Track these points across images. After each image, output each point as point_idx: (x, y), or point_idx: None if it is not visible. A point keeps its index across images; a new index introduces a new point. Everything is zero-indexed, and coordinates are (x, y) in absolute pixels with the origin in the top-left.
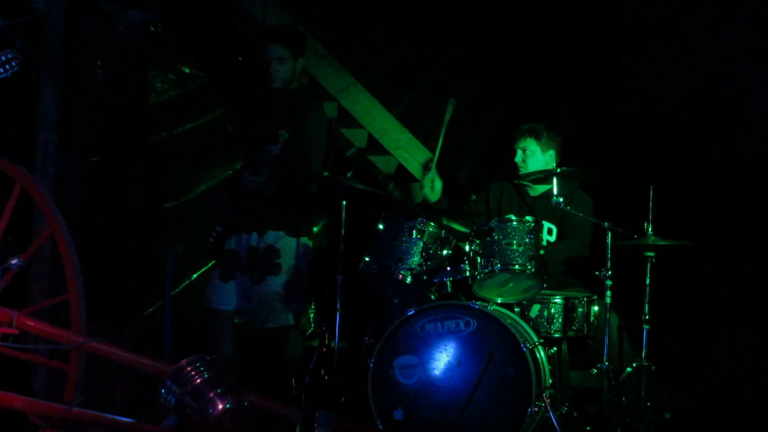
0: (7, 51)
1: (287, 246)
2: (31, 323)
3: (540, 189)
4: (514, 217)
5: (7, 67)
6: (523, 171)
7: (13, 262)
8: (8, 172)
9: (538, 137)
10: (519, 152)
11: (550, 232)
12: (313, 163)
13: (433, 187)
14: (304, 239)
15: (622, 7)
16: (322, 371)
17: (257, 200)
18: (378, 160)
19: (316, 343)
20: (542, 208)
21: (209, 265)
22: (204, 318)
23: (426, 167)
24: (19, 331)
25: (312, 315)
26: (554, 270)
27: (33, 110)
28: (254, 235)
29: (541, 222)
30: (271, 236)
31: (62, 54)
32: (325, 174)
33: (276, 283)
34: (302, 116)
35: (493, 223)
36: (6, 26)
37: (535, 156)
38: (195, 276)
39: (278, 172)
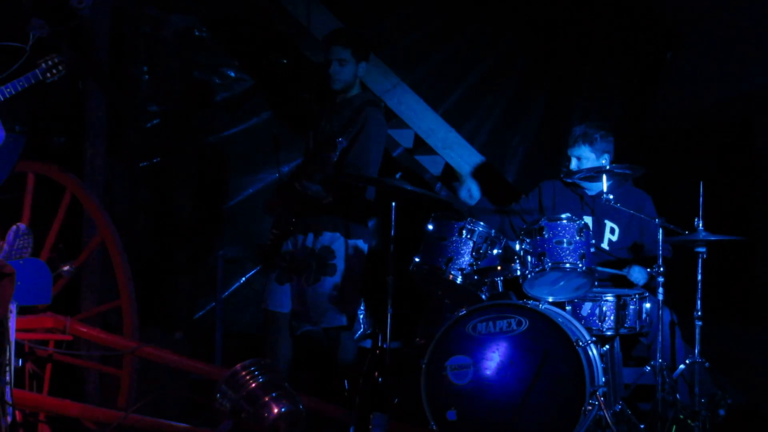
0: (53, 55)
1: (343, 247)
2: (85, 329)
3: (596, 187)
4: (563, 216)
5: (54, 71)
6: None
7: (65, 268)
8: (58, 180)
9: (591, 143)
10: (573, 160)
11: (612, 231)
12: (371, 168)
13: (471, 195)
14: (360, 241)
15: (668, 1)
16: (376, 373)
17: (315, 205)
18: (425, 160)
19: (367, 344)
20: (602, 206)
21: (258, 267)
22: (262, 320)
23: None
24: (73, 338)
25: (362, 316)
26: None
27: (80, 117)
28: (310, 236)
29: (603, 221)
30: (326, 237)
31: (108, 60)
32: (374, 176)
33: (330, 283)
34: (362, 122)
35: (543, 222)
36: (52, 33)
37: (590, 162)
38: (245, 279)
39: (334, 180)
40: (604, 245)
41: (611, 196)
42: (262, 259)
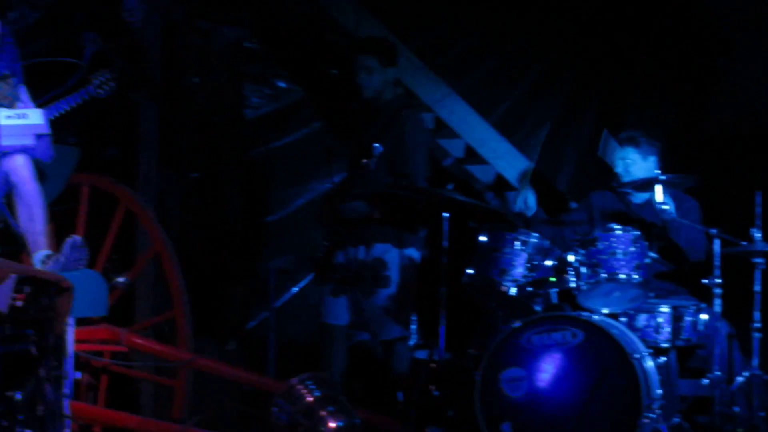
0: (105, 71)
1: (395, 258)
2: (140, 341)
3: (643, 196)
4: (618, 226)
5: (106, 87)
6: (625, 180)
7: (120, 280)
8: (112, 192)
9: (636, 145)
10: (620, 163)
11: (661, 238)
12: (418, 175)
13: (527, 205)
14: (412, 250)
15: (719, 7)
16: (431, 386)
17: (355, 222)
18: (476, 170)
19: (418, 354)
20: (650, 214)
21: (310, 277)
22: (314, 330)
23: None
24: (128, 349)
25: (414, 327)
26: (661, 278)
27: (132, 129)
28: (361, 248)
29: (652, 230)
30: (378, 249)
31: (160, 73)
32: (425, 186)
33: (386, 295)
34: (400, 127)
35: (597, 233)
36: (105, 47)
37: (637, 164)
38: (296, 289)
39: (381, 191)
40: (653, 253)
41: (666, 207)
42: (315, 271)
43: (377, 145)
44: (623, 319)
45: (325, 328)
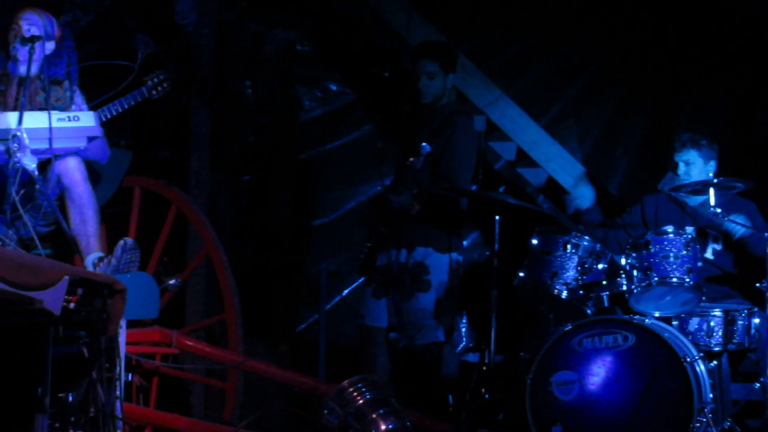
0: (158, 72)
1: (436, 262)
2: (191, 343)
3: (698, 199)
4: (670, 229)
5: (159, 89)
6: (684, 182)
7: (171, 282)
8: (164, 195)
9: (699, 148)
10: (681, 165)
11: (716, 239)
12: (462, 177)
13: (584, 198)
14: (454, 254)
15: None
16: (483, 389)
17: (405, 217)
18: (527, 173)
19: (469, 357)
20: (704, 216)
21: (360, 280)
22: (359, 335)
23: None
24: (179, 351)
25: (464, 329)
26: (713, 282)
27: (184, 132)
28: (403, 251)
29: (706, 231)
30: (419, 252)
31: (212, 75)
32: (475, 188)
33: (425, 299)
34: (450, 131)
35: (650, 236)
36: (158, 50)
37: (698, 167)
38: (347, 292)
39: (423, 189)
40: (708, 255)
41: (719, 210)
42: (359, 272)
43: (425, 144)
44: (675, 323)
45: (365, 330)
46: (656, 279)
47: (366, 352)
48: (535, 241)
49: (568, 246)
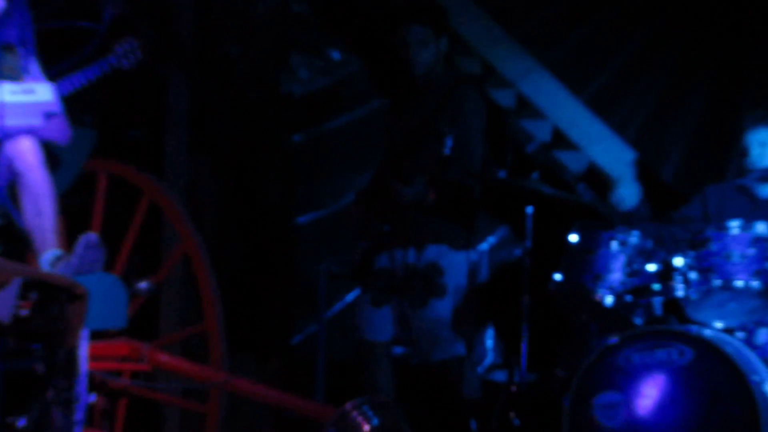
0: (130, 38)
1: (453, 262)
2: (165, 358)
3: None
4: (735, 224)
5: (131, 57)
6: (757, 166)
7: (142, 285)
8: (134, 182)
9: None
10: (753, 146)
11: None
12: (476, 159)
13: (626, 198)
14: (471, 252)
15: None
16: (511, 414)
17: (415, 210)
18: (565, 157)
19: (496, 376)
20: None
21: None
22: (356, 351)
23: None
24: (151, 368)
25: (490, 342)
26: None
27: (159, 108)
28: (411, 250)
29: None
30: (432, 251)
31: (192, 40)
32: (503, 175)
33: (441, 307)
34: (457, 106)
35: (710, 232)
36: (129, 10)
37: None
38: (351, 297)
39: (440, 177)
40: None
41: None
42: (352, 277)
43: (449, 129)
44: (740, 335)
45: (363, 345)
46: (718, 283)
47: (365, 371)
48: (574, 238)
49: (614, 243)
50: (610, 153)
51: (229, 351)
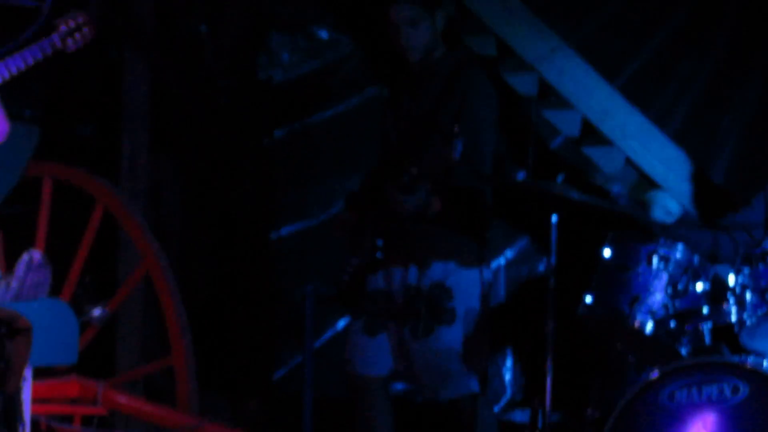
0: (75, 14)
1: (463, 282)
2: (123, 400)
3: None
4: None
5: (77, 36)
6: None
7: (95, 312)
8: (87, 189)
9: None
10: None
11: None
12: (487, 157)
13: (669, 211)
14: (484, 268)
15: None
16: None
17: (413, 219)
18: (596, 154)
19: (516, 416)
20: None
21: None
22: (348, 387)
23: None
24: (108, 411)
25: (508, 376)
26: None
27: (114, 99)
28: (412, 269)
29: None
30: (437, 269)
31: (152, 18)
32: (523, 176)
33: (450, 335)
34: (461, 93)
35: None
36: None
37: None
38: (343, 323)
39: (445, 182)
40: None
41: None
42: (340, 301)
43: (458, 127)
44: None
45: (356, 380)
46: None
47: (358, 411)
48: (607, 252)
49: (655, 258)
50: (650, 149)
51: (200, 390)
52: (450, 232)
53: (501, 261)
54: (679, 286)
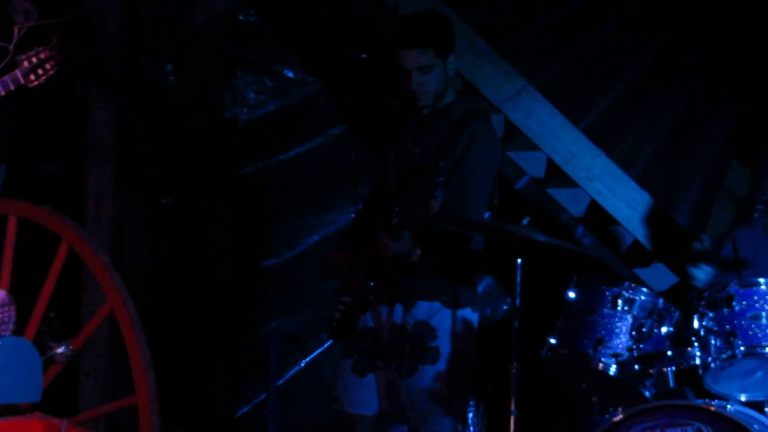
0: (39, 49)
1: (446, 322)
2: None
3: None
4: (762, 280)
5: (40, 72)
6: None
7: (59, 350)
8: (51, 227)
9: None
10: None
11: None
12: (477, 207)
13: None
14: (467, 310)
15: None
16: None
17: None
18: (561, 195)
19: None
20: None
21: (327, 345)
22: (335, 425)
23: None
24: None
25: (471, 415)
26: None
27: (80, 136)
28: (398, 307)
29: None
30: (422, 309)
31: (118, 56)
32: (488, 216)
33: (432, 374)
34: (466, 143)
35: (733, 288)
36: (43, 21)
37: None
38: (306, 361)
39: (425, 231)
40: None
41: None
42: (331, 338)
43: (443, 163)
44: None
45: (344, 419)
46: (742, 349)
47: None
48: (572, 295)
49: (620, 301)
50: (615, 192)
51: (163, 427)
52: (436, 273)
53: None
54: (644, 329)
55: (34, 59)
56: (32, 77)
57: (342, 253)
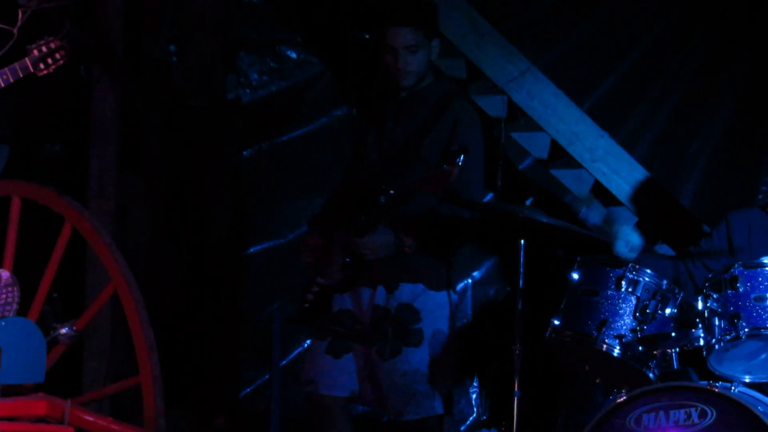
0: (49, 39)
1: (430, 304)
2: (90, 418)
3: None
4: (767, 260)
5: (50, 61)
6: None
7: (63, 331)
8: (55, 208)
9: None
10: None
11: None
12: (476, 187)
13: (631, 247)
14: (449, 293)
15: None
16: None
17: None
18: (565, 176)
19: None
20: None
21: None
22: (308, 408)
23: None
24: (74, 429)
25: (475, 396)
26: None
27: (83, 118)
28: (380, 289)
29: None
30: (406, 291)
31: (121, 38)
32: (490, 198)
33: (417, 356)
34: (449, 123)
35: (738, 270)
36: (46, 6)
37: None
38: (309, 342)
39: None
40: None
41: None
42: (301, 321)
43: (456, 148)
44: None
45: (317, 401)
46: (746, 330)
47: (319, 431)
48: (576, 276)
49: (623, 283)
50: (619, 172)
51: (167, 408)
52: (418, 255)
53: (468, 281)
54: (648, 311)
55: (44, 48)
56: (41, 66)
57: (316, 236)
